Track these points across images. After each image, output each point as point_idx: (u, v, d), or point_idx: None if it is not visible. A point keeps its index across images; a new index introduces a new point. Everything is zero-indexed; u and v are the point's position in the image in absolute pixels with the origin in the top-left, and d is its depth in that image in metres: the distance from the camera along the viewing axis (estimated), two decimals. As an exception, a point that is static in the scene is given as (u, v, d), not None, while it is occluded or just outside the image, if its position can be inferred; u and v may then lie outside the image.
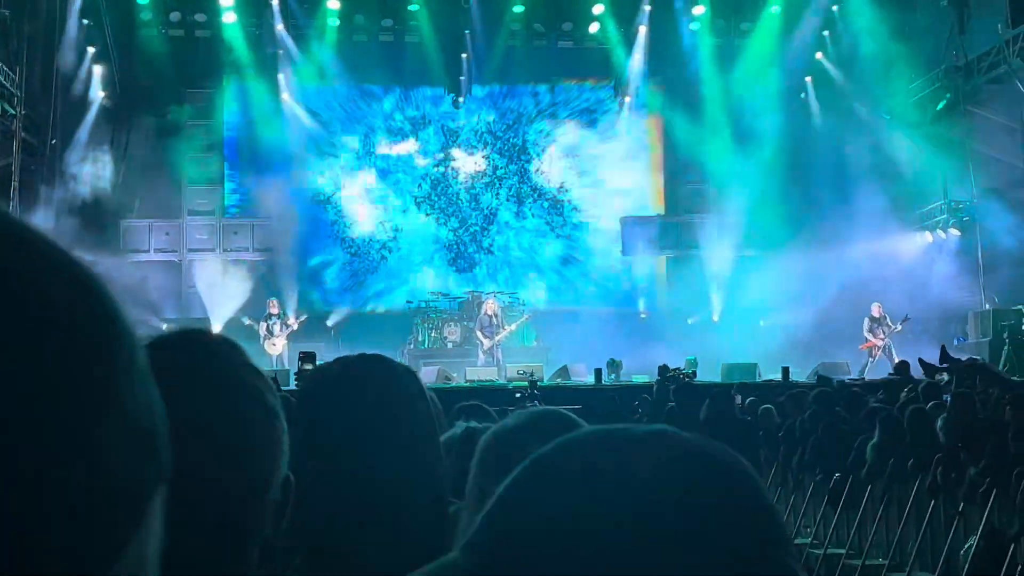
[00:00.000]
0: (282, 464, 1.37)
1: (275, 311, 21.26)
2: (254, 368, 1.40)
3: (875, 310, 20.92)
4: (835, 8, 24.38)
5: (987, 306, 21.32)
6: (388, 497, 1.87)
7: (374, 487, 1.87)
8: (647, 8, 24.61)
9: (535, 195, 26.10)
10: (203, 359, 1.37)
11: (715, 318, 24.31)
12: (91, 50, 23.14)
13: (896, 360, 19.64)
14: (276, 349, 20.73)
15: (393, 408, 1.94)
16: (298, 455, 1.45)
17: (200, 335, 1.43)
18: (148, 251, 24.34)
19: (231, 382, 1.37)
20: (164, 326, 19.89)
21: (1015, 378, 14.97)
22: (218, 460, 1.30)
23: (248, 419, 1.34)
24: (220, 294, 23.23)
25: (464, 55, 24.84)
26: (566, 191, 26.11)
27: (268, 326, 21.01)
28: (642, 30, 25.04)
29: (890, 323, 20.69)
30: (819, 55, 25.37)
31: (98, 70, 23.44)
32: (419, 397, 1.99)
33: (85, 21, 22.78)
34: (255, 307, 23.40)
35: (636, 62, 25.32)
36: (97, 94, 23.49)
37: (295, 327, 21.09)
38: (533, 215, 26.05)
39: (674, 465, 0.82)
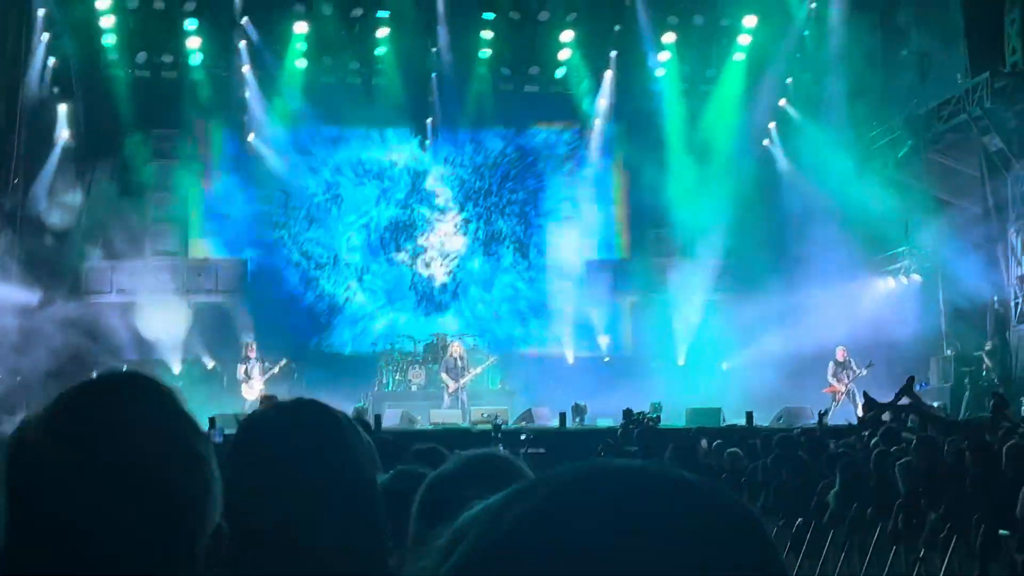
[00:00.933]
0: (211, 512, 1.34)
1: (253, 354, 20.96)
2: (185, 415, 1.37)
3: (839, 354, 21.02)
4: (798, 56, 24.65)
5: (949, 352, 21.47)
6: (323, 546, 1.84)
7: (308, 535, 1.84)
8: (613, 54, 24.80)
9: (501, 238, 26.12)
10: (128, 405, 1.35)
11: (680, 362, 24.35)
12: (56, 89, 23.06)
13: (860, 405, 19.76)
14: (252, 393, 20.19)
15: (326, 454, 1.91)
16: (229, 502, 1.42)
17: (132, 379, 1.41)
18: (110, 292, 24.13)
19: (155, 428, 1.34)
20: (124, 367, 19.68)
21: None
22: (138, 507, 1.27)
23: (170, 466, 1.31)
24: (181, 336, 23.04)
25: (431, 98, 24.90)
26: (532, 234, 26.15)
27: (246, 369, 20.70)
28: (608, 75, 25.22)
29: (855, 368, 20.79)
30: (783, 102, 25.62)
31: (63, 109, 23.34)
32: (353, 442, 1.96)
33: (51, 60, 22.72)
34: (219, 349, 23.26)
35: (602, 106, 25.49)
36: (61, 133, 23.37)
37: (276, 371, 20.77)
38: (499, 258, 26.07)
39: (675, 501, 0.83)
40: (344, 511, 1.88)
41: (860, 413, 19.20)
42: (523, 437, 15.11)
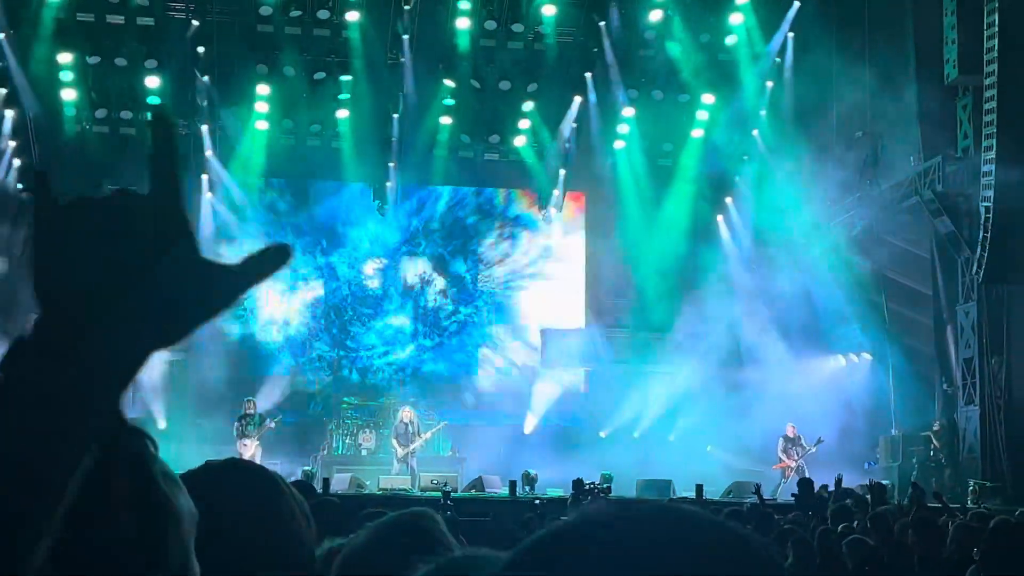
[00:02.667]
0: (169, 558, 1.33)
1: (251, 411, 20.38)
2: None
3: (789, 430, 21.11)
4: (755, 133, 25.02)
5: (896, 431, 21.63)
6: None
7: None
8: (573, 125, 25.05)
9: (454, 304, 26.12)
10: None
11: (636, 434, 24.29)
12: (12, 144, 22.92)
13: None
14: (248, 451, 19.51)
15: (252, 515, 1.88)
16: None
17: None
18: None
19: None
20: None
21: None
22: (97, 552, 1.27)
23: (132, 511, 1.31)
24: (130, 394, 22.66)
25: (391, 164, 24.97)
26: (489, 302, 26.17)
27: (242, 427, 20.11)
28: (567, 146, 25.44)
29: (804, 444, 20.87)
30: (738, 179, 25.94)
31: (18, 163, 23.17)
32: (285, 504, 1.93)
33: (8, 112, 22.60)
34: (169, 406, 23.00)
35: (561, 176, 25.68)
36: (15, 187, 23.17)
37: (272, 427, 20.23)
38: (451, 325, 26.05)
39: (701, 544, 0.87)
40: (272, 569, 1.85)
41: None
42: (528, 516, 14.72)
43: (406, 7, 23.42)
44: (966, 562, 7.49)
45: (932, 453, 20.36)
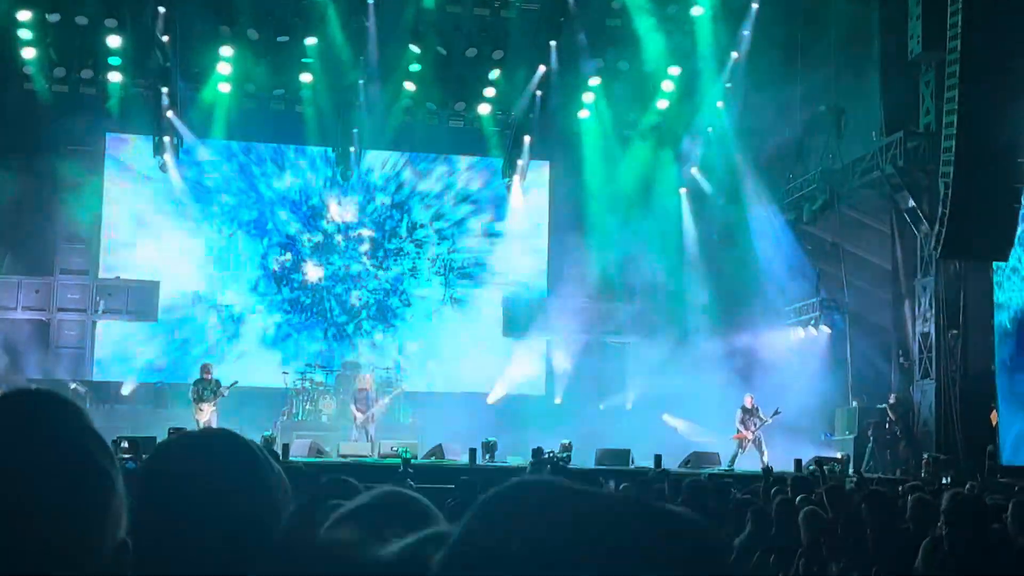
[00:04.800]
0: (111, 526, 1.33)
1: (209, 376, 20.05)
2: (90, 430, 1.37)
3: (747, 401, 21.26)
4: (719, 104, 25.04)
5: (853, 403, 21.85)
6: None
7: (216, 564, 1.81)
8: (538, 93, 24.96)
9: (420, 271, 26.07)
10: (28, 419, 1.34)
11: (601, 406, 24.34)
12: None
13: (766, 452, 20.02)
14: (203, 415, 19.40)
15: (238, 484, 1.88)
16: (136, 526, 1.41)
17: (32, 395, 1.40)
18: (16, 308, 23.62)
19: (56, 442, 1.33)
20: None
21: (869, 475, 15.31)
22: (35, 516, 1.26)
23: (71, 480, 1.30)
24: (90, 355, 22.58)
25: (355, 130, 24.81)
26: (453, 268, 26.13)
27: (199, 391, 19.85)
28: (531, 114, 25.36)
29: (762, 415, 21.03)
30: (697, 162, 25.96)
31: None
32: (265, 473, 1.93)
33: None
34: (130, 370, 22.89)
35: (526, 144, 25.63)
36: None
37: (225, 394, 19.88)
38: (416, 289, 26.01)
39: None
40: (254, 543, 1.85)
41: (766, 460, 19.49)
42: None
43: (372, -29, 23.22)
44: (922, 534, 7.58)
45: (888, 426, 20.60)
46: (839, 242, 22.86)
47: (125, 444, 15.23)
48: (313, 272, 25.58)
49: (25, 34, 22.56)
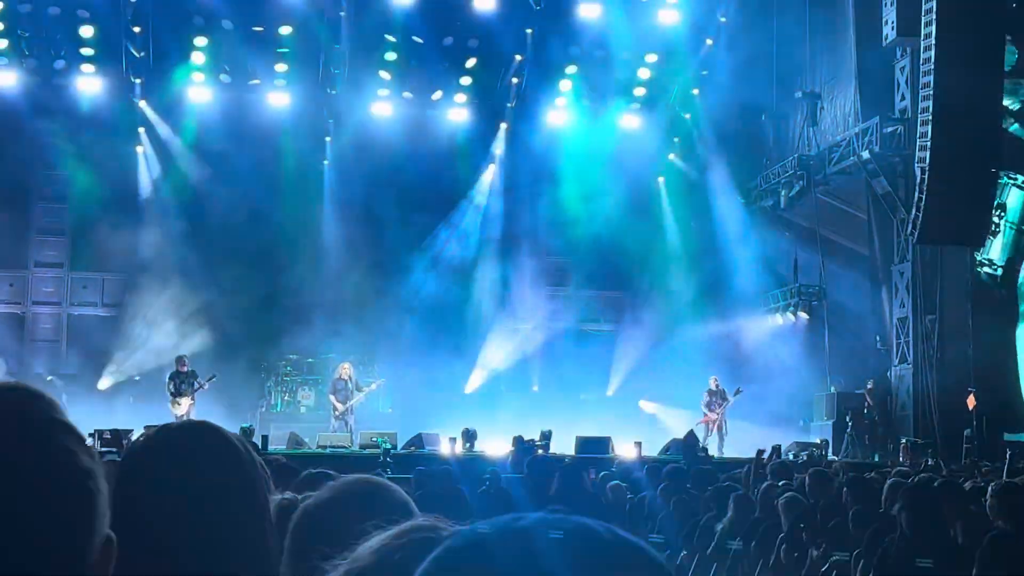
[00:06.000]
0: (100, 525, 1.30)
1: (185, 369, 19.82)
2: (66, 426, 1.34)
3: (712, 383, 21.30)
4: (694, 94, 25.07)
5: (832, 389, 21.94)
6: (214, 569, 1.79)
7: (198, 557, 1.78)
8: (514, 81, 24.94)
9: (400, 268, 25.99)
10: (8, 417, 1.31)
11: (582, 396, 24.33)
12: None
13: (726, 437, 20.26)
14: (180, 409, 19.17)
15: (219, 476, 1.86)
16: (118, 520, 1.38)
17: (11, 390, 1.36)
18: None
19: (41, 442, 1.30)
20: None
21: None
22: (26, 520, 1.23)
23: (57, 481, 1.27)
24: (64, 349, 22.45)
25: (331, 120, 24.70)
26: (435, 260, 26.02)
27: (176, 384, 19.57)
28: (509, 104, 25.35)
29: (727, 396, 21.10)
30: (676, 138, 26.03)
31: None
32: (246, 465, 1.91)
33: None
34: (103, 363, 22.75)
35: (502, 134, 25.63)
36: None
37: (205, 387, 19.68)
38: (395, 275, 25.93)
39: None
40: (236, 534, 1.83)
41: (723, 443, 19.74)
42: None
43: (347, -40, 23.13)
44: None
45: (865, 411, 20.69)
46: (816, 228, 22.92)
47: (108, 435, 15.11)
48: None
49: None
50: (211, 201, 24.89)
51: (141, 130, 23.92)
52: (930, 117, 17.92)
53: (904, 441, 18.44)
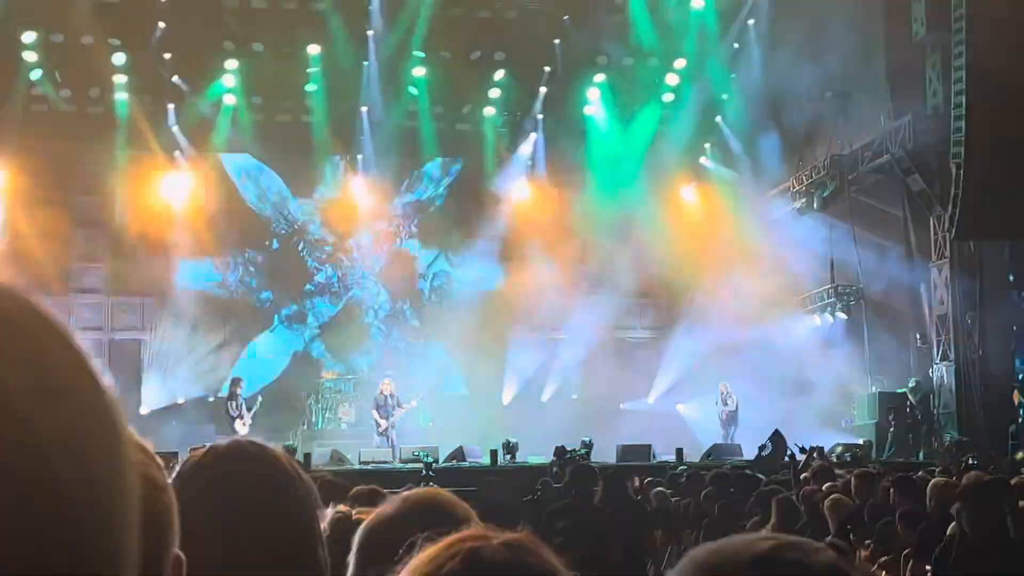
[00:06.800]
0: (170, 540, 1.32)
1: (239, 390, 20.07)
2: (138, 443, 1.37)
3: (722, 389, 21.75)
4: (724, 97, 25.02)
5: (874, 389, 21.77)
6: None
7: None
8: (543, 90, 25.02)
9: (428, 278, 26.06)
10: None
11: (622, 406, 24.25)
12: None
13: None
14: (244, 429, 19.39)
15: (269, 500, 1.88)
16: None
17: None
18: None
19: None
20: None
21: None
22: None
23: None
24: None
25: (362, 136, 24.85)
26: (467, 270, 26.07)
27: (236, 406, 19.83)
28: (539, 114, 25.41)
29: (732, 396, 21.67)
30: (708, 143, 25.97)
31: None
32: (293, 484, 1.93)
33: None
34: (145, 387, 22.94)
35: (533, 142, 25.71)
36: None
37: (257, 407, 19.96)
38: (433, 291, 26.00)
39: None
40: (285, 553, 1.85)
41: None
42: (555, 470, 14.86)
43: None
44: (948, 517, 7.56)
45: (908, 410, 20.50)
46: (851, 227, 22.77)
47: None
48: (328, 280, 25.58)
49: (31, 56, 22.64)
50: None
51: (176, 153, 24.11)
52: (963, 112, 17.77)
53: (949, 439, 18.27)
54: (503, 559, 1.33)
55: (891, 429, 20.03)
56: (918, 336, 21.61)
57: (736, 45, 24.46)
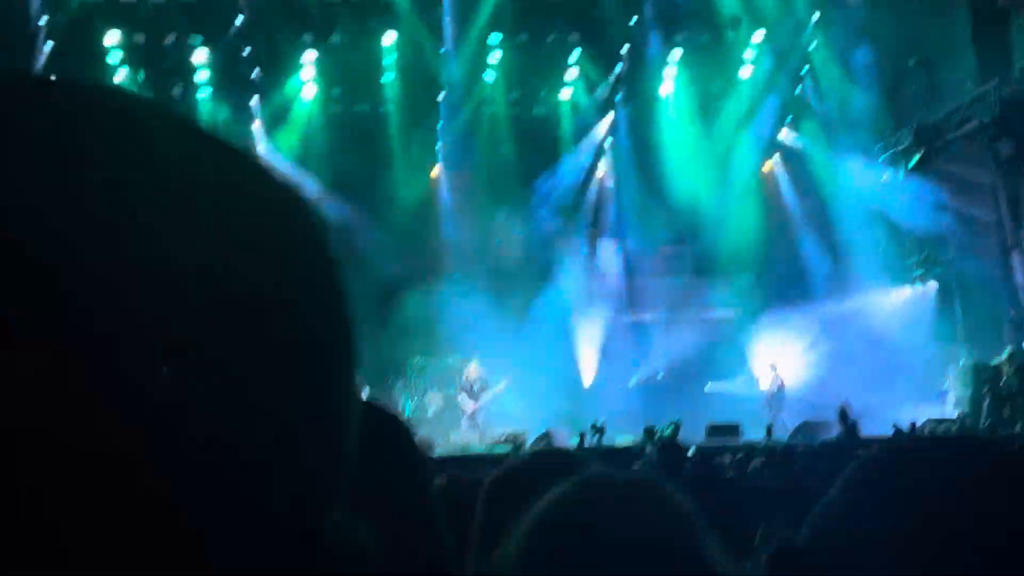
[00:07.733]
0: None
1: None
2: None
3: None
4: (806, 68, 24.68)
5: (966, 360, 21.39)
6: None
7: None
8: (620, 72, 24.87)
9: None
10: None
11: (707, 389, 24.10)
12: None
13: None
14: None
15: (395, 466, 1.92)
16: None
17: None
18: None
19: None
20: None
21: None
22: None
23: None
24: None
25: (440, 123, 24.94)
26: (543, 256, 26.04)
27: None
28: (616, 94, 25.27)
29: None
30: (790, 116, 25.66)
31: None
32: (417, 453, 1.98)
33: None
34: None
35: (609, 123, 25.57)
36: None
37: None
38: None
39: None
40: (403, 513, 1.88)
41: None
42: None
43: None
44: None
45: (1003, 381, 20.09)
46: (940, 197, 22.36)
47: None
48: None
49: (114, 58, 23.02)
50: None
51: (259, 148, 24.42)
52: (1053, 73, 17.35)
53: (1046, 410, 17.87)
54: (626, 494, 1.37)
55: (986, 401, 19.64)
56: (1011, 306, 21.16)
57: (816, 14, 24.09)
